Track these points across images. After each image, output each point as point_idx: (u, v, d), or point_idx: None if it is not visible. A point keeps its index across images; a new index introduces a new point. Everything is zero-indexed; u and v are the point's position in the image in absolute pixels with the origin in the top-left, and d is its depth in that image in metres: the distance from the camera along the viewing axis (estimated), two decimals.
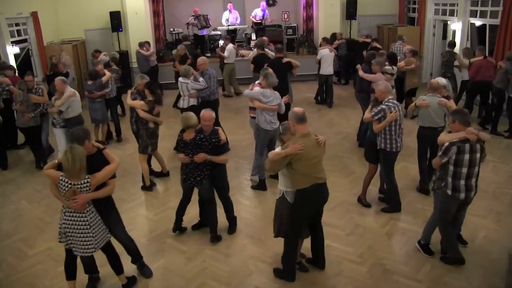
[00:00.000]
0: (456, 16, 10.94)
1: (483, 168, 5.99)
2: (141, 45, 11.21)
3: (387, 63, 7.83)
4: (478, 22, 10.50)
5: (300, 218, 4.20)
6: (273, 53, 9.12)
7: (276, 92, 6.18)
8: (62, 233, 3.94)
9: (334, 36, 11.90)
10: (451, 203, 4.41)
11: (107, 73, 8.28)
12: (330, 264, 4.62)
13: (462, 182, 4.28)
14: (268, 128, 6.14)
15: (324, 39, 11.01)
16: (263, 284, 4.38)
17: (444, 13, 11.80)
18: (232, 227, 5.34)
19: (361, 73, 7.56)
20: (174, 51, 10.69)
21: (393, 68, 7.84)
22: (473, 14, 10.46)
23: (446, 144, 4.28)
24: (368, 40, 10.99)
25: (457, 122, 4.30)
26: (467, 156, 4.21)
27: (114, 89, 8.68)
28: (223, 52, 11.31)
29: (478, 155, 4.26)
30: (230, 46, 11.34)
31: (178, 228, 5.31)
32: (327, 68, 10.26)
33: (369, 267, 4.56)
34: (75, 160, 3.59)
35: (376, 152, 5.55)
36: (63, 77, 7.29)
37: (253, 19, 13.44)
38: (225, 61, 11.37)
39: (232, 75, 11.77)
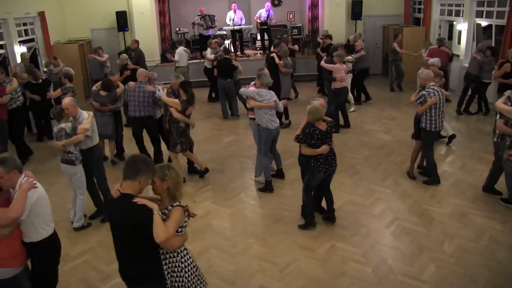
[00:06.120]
0: (462, 16, 10.91)
1: (487, 169, 6.05)
2: (95, 50, 10.65)
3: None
4: (484, 23, 10.47)
5: None
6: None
7: (271, 91, 6.27)
8: None
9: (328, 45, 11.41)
10: None
11: (121, 85, 7.48)
12: (334, 264, 4.64)
13: None
14: (270, 127, 6.16)
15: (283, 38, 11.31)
16: (267, 283, 4.39)
17: (450, 13, 11.76)
18: (331, 218, 5.43)
19: (322, 63, 8.92)
20: (118, 61, 9.85)
21: (352, 57, 9.54)
22: (479, 14, 10.42)
23: None
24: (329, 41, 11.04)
25: None
26: None
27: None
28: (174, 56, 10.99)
29: None
30: (180, 49, 10.93)
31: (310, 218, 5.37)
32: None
33: (373, 267, 4.57)
34: None
35: (420, 129, 6.24)
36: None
37: (258, 20, 13.41)
38: (176, 65, 10.95)
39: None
